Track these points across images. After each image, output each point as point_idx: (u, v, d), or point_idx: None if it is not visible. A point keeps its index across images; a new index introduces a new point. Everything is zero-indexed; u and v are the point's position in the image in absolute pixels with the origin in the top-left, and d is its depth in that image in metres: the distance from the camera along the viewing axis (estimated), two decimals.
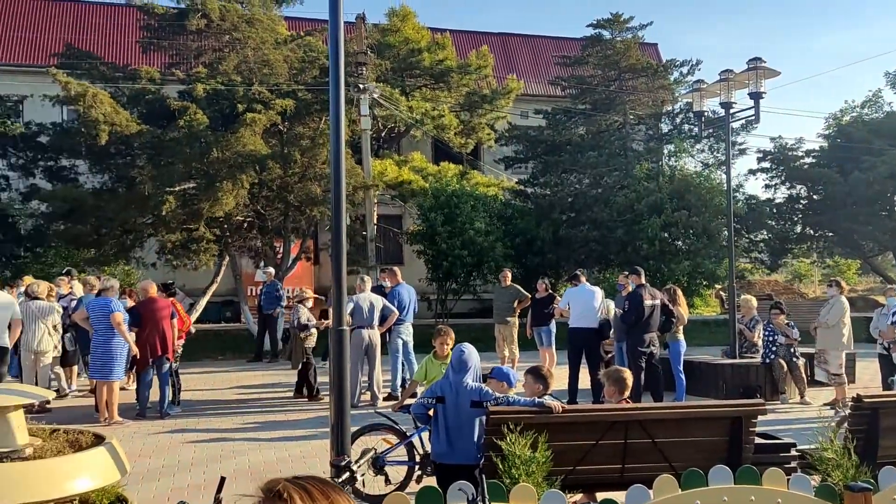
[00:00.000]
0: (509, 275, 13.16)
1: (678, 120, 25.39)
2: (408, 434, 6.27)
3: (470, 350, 5.12)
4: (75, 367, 11.68)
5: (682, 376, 10.54)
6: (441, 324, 17.36)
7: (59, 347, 10.79)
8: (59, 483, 3.85)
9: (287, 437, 8.70)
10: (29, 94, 18.43)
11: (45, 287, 10.63)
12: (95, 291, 10.84)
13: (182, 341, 10.74)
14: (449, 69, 21.49)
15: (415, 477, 6.17)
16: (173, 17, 17.68)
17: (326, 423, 9.17)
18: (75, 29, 24.59)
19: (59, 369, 11.18)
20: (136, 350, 9.50)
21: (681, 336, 10.66)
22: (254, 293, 20.08)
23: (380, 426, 6.50)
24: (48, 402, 10.03)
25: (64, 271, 13.19)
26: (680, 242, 20.64)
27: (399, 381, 10.99)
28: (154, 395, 9.93)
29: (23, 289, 11.83)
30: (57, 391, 10.60)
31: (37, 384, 9.78)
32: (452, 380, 4.89)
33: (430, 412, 4.99)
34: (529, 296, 12.65)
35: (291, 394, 11.29)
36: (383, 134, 22.15)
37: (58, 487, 3.85)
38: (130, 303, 12.34)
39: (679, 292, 10.99)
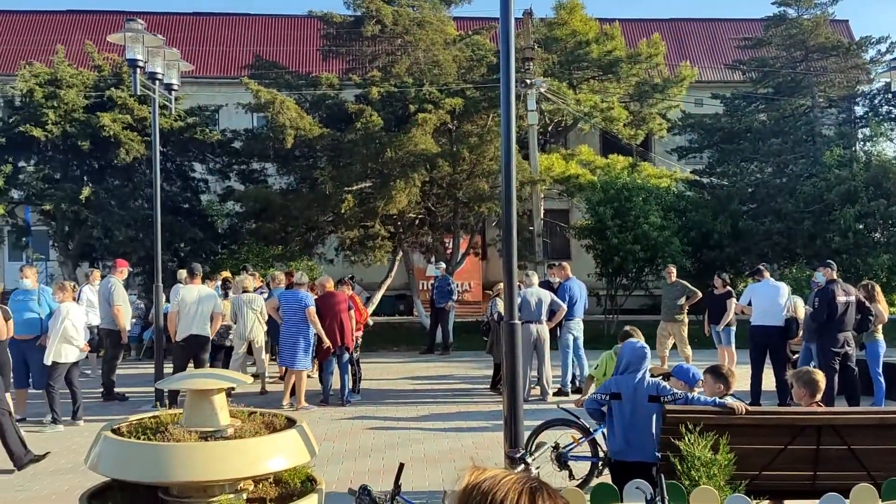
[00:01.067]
0: (674, 271, 12.63)
1: (875, 101, 23.20)
2: (591, 430, 6.23)
3: (644, 346, 5.00)
4: (266, 356, 12.60)
5: (882, 379, 9.66)
6: (609, 320, 17.00)
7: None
8: (257, 462, 4.17)
9: (460, 427, 8.90)
10: (224, 103, 20.08)
11: (251, 281, 11.69)
12: (284, 285, 11.66)
13: (360, 332, 11.29)
14: (618, 59, 20.97)
15: (596, 473, 6.17)
16: (350, 25, 18.59)
17: (497, 415, 9.28)
18: (263, 41, 26.46)
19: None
20: (327, 341, 10.09)
21: (880, 336, 9.77)
22: (425, 287, 20.70)
23: (563, 421, 6.50)
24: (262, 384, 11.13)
25: (241, 268, 14.31)
26: (878, 234, 18.88)
27: (569, 377, 10.90)
28: (336, 383, 10.51)
29: (219, 282, 12.99)
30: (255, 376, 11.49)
31: (245, 370, 10.68)
32: (627, 375, 4.79)
33: (605, 409, 4.92)
34: (697, 292, 12.11)
35: (466, 386, 11.52)
36: (550, 128, 22.02)
37: (256, 466, 4.18)
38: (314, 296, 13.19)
39: (878, 288, 10.09)
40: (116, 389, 10.92)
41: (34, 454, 7.41)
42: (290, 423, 4.59)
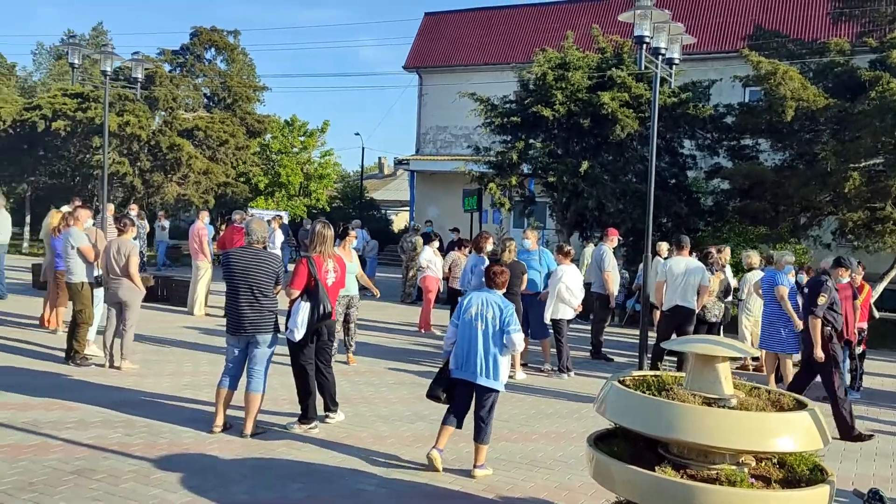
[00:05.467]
0: None
1: None
2: None
3: None
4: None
5: None
6: None
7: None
8: (764, 438, 3.99)
9: None
10: (717, 78, 19.65)
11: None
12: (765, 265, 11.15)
13: (864, 324, 10.11)
14: None
15: None
16: None
17: None
18: (762, 10, 25.14)
19: None
20: (798, 323, 9.42)
21: None
22: None
23: None
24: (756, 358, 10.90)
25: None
26: None
27: None
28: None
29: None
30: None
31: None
32: None
33: None
34: None
35: None
36: None
37: (760, 441, 4.00)
38: (805, 278, 12.21)
39: None
40: (604, 350, 11.65)
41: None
42: (800, 405, 4.31)
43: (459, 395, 5.97)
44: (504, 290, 6.16)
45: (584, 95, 17.11)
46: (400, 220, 41.67)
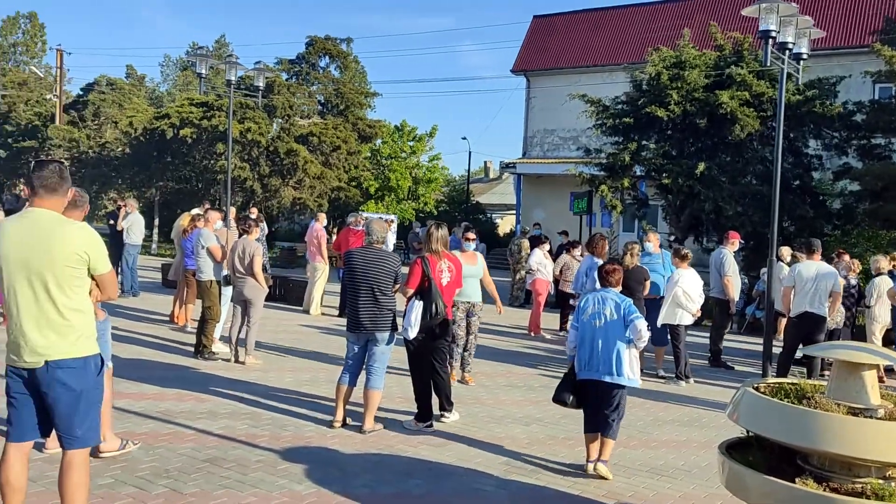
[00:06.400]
0: None
1: None
2: None
3: None
4: None
5: None
6: None
7: None
8: None
9: None
10: (844, 74, 18.60)
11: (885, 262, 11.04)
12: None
13: None
14: None
15: None
16: None
17: None
18: (892, 2, 23.64)
19: None
20: None
21: None
22: None
23: None
24: None
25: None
26: None
27: None
28: None
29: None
30: None
31: None
32: None
33: None
34: None
35: None
36: None
37: None
38: None
39: None
40: (723, 357, 11.21)
41: None
42: None
43: (587, 396, 5.90)
44: (619, 289, 6.05)
45: (700, 95, 16.56)
46: (505, 224, 41.62)
